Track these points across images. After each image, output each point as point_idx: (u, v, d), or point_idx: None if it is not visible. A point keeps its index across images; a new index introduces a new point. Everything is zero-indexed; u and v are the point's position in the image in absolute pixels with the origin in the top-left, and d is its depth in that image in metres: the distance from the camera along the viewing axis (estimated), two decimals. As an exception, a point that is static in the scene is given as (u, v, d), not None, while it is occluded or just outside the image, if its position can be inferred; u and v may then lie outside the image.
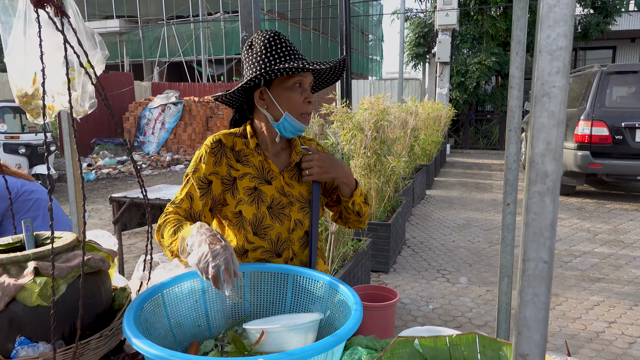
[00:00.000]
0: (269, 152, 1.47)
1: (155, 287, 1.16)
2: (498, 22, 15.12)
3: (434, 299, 3.91)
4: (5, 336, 0.99)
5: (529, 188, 0.46)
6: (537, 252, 0.46)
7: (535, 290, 0.47)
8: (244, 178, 1.43)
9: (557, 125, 0.44)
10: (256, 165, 1.44)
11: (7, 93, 13.72)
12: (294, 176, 1.49)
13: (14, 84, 1.08)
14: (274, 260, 1.45)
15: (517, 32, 0.98)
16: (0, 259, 1.01)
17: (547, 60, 0.43)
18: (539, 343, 0.48)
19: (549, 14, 0.43)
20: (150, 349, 0.87)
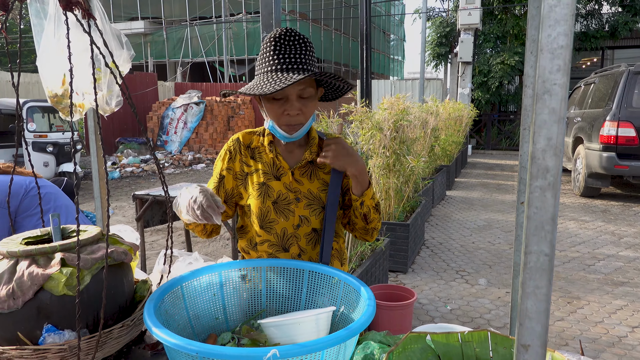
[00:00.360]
0: (281, 149, 1.51)
1: (174, 280, 1.20)
2: (522, 21, 14.88)
3: (452, 299, 3.89)
4: (33, 323, 1.04)
5: (530, 183, 0.47)
6: (538, 245, 0.47)
7: (537, 282, 0.48)
8: (255, 173, 1.49)
9: (558, 122, 0.45)
10: (267, 161, 1.49)
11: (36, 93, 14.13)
12: (305, 173, 1.49)
13: (45, 85, 1.13)
14: (281, 254, 1.49)
15: (531, 31, 0.99)
16: (30, 249, 1.06)
17: (548, 59, 0.45)
18: (540, 334, 0.49)
19: (549, 13, 0.44)
20: (170, 337, 0.90)
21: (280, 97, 1.35)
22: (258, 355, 0.86)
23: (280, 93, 1.35)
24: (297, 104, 1.35)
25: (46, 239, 1.24)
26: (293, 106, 1.35)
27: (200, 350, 0.87)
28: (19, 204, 2.41)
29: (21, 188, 2.41)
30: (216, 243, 5.82)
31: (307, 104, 1.37)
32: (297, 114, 1.36)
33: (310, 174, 1.50)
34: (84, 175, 11.24)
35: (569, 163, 8.81)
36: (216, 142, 15.44)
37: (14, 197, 2.38)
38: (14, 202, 2.38)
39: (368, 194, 1.42)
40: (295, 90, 1.34)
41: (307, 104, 1.37)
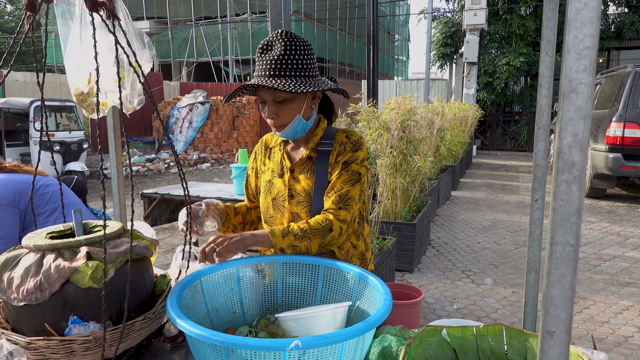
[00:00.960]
0: (289, 148, 1.60)
1: (194, 275, 1.22)
2: (527, 22, 14.87)
3: (458, 299, 3.90)
4: (59, 315, 1.07)
5: (557, 177, 0.50)
6: (564, 236, 0.50)
7: (562, 271, 0.50)
8: (267, 172, 1.61)
9: (584, 119, 0.48)
10: (277, 160, 1.59)
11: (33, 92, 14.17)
12: (303, 170, 1.53)
13: (71, 83, 1.16)
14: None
15: (547, 32, 1.01)
16: (56, 243, 1.09)
17: (574, 59, 0.47)
18: (565, 321, 0.51)
19: (576, 16, 0.47)
20: (194, 328, 0.93)
21: (262, 101, 1.46)
22: (281, 346, 0.88)
23: (261, 98, 1.45)
24: (272, 108, 1.43)
25: (68, 233, 1.27)
26: (269, 110, 1.44)
27: (225, 341, 0.90)
28: (27, 202, 2.44)
29: (29, 186, 2.45)
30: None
31: (281, 108, 1.42)
32: (272, 117, 1.44)
33: (307, 171, 1.53)
34: (90, 174, 11.30)
35: (574, 164, 8.80)
36: (221, 142, 15.49)
37: (22, 196, 2.42)
38: (22, 201, 2.42)
39: (277, 240, 1.37)
40: (268, 95, 1.42)
41: (282, 107, 1.42)
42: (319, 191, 1.49)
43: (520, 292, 4.04)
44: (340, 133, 1.55)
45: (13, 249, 1.18)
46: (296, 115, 1.44)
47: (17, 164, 2.43)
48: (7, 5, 35.10)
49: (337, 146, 1.51)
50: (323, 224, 1.40)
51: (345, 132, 1.55)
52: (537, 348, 1.00)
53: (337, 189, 1.46)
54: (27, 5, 1.11)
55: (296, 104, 1.43)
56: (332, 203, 1.44)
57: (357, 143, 1.51)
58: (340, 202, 1.44)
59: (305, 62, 1.41)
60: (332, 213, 1.43)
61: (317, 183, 1.49)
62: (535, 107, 5.61)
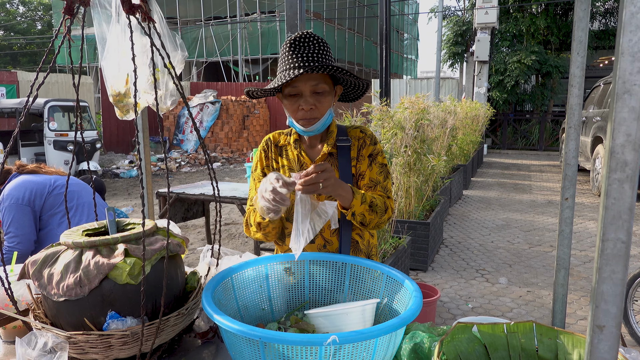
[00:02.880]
0: (305, 145, 1.60)
1: (225, 272, 1.25)
2: (538, 20, 14.77)
3: (473, 298, 3.90)
4: (98, 310, 1.10)
5: (608, 175, 0.51)
6: (615, 233, 0.51)
7: (613, 267, 0.52)
8: (281, 169, 1.60)
9: (637, 119, 0.49)
10: (292, 158, 1.59)
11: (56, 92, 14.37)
12: None
13: (109, 84, 1.19)
14: (307, 245, 1.53)
15: (578, 33, 1.02)
16: (94, 241, 1.12)
17: (628, 61, 0.49)
18: (615, 315, 0.53)
19: (631, 20, 0.48)
20: (232, 324, 0.95)
21: (295, 94, 1.43)
22: (319, 341, 0.90)
23: (295, 89, 1.43)
24: (311, 100, 1.42)
25: (102, 231, 1.30)
26: (306, 101, 1.42)
27: (263, 336, 0.92)
28: (43, 202, 2.49)
29: (45, 187, 2.50)
30: (235, 240, 5.90)
31: (320, 99, 1.43)
32: (310, 108, 1.43)
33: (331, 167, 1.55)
34: (103, 173, 11.42)
35: (587, 163, 8.73)
36: (231, 141, 15.56)
37: (38, 197, 2.47)
38: (38, 201, 2.47)
39: (356, 203, 1.40)
40: (308, 86, 1.41)
41: (321, 99, 1.43)
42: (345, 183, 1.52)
43: (535, 291, 4.03)
44: (352, 129, 1.60)
45: (50, 246, 1.22)
46: (329, 108, 1.48)
47: (39, 165, 2.48)
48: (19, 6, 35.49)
49: (355, 141, 1.56)
50: (384, 204, 1.47)
51: (356, 127, 1.61)
52: (568, 345, 1.01)
53: (375, 181, 1.53)
54: (65, 9, 1.14)
55: (330, 98, 1.47)
56: (380, 191, 1.52)
57: (373, 137, 1.58)
58: (387, 192, 1.54)
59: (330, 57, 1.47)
60: (387, 199, 1.50)
61: (342, 176, 1.53)
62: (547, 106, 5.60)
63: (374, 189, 1.53)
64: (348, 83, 1.53)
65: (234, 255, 1.49)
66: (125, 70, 1.16)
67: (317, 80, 1.42)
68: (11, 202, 2.34)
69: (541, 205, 7.44)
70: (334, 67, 1.35)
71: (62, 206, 2.49)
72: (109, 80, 1.18)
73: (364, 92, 1.57)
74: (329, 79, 1.46)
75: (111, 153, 15.53)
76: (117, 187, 10.08)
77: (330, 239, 1.56)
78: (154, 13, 1.15)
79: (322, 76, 1.43)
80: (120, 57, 1.14)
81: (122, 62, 1.14)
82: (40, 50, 33.60)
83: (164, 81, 1.21)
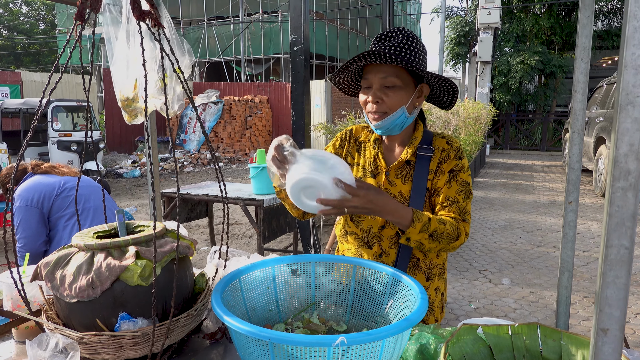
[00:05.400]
0: (384, 147, 1.53)
1: (233, 274, 1.27)
2: (541, 20, 14.76)
3: (476, 298, 3.92)
4: (109, 311, 1.12)
5: (613, 184, 0.53)
6: (619, 239, 0.53)
7: (617, 272, 0.54)
8: (355, 167, 1.55)
9: (640, 130, 0.51)
10: (369, 157, 1.54)
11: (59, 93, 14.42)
12: (400, 174, 1.48)
13: (118, 89, 1.21)
14: (364, 250, 1.53)
15: (582, 40, 1.03)
16: (105, 243, 1.15)
17: (631, 74, 0.51)
18: (619, 319, 0.55)
19: (634, 34, 0.50)
20: (242, 325, 0.97)
21: (367, 87, 1.40)
22: (327, 342, 0.92)
23: (366, 82, 1.39)
24: (378, 93, 1.37)
25: (113, 233, 1.33)
26: (374, 94, 1.37)
27: (273, 337, 0.94)
28: (51, 204, 2.52)
29: (53, 190, 2.53)
30: (239, 240, 5.92)
31: (388, 93, 1.36)
32: (376, 101, 1.37)
33: (405, 176, 1.47)
34: (106, 173, 11.46)
35: (590, 163, 8.73)
36: (234, 141, 15.60)
37: (46, 199, 2.50)
38: (46, 203, 2.50)
39: (412, 231, 1.33)
40: (377, 78, 1.37)
41: (389, 93, 1.36)
42: (416, 196, 1.44)
43: (538, 292, 4.04)
44: (439, 138, 1.49)
45: (62, 248, 1.24)
46: (401, 106, 1.38)
47: (53, 165, 2.51)
48: (22, 6, 35.61)
49: (437, 152, 1.46)
50: (455, 231, 1.36)
51: (445, 137, 1.49)
52: (572, 346, 1.03)
53: (453, 199, 1.41)
54: (76, 15, 1.17)
55: (404, 94, 1.38)
56: (456, 213, 1.40)
57: (459, 150, 1.46)
58: (463, 215, 1.41)
59: (421, 57, 1.39)
60: (461, 223, 1.39)
61: (414, 188, 1.44)
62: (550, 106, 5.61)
63: (449, 209, 1.41)
64: (433, 83, 1.42)
65: (241, 256, 1.51)
66: (134, 76, 1.18)
67: (387, 73, 1.35)
68: (20, 204, 2.38)
69: (544, 206, 7.44)
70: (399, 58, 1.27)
71: (69, 209, 2.52)
72: (118, 85, 1.20)
73: (454, 95, 1.45)
74: (407, 74, 1.37)
75: (114, 153, 15.58)
76: (120, 187, 10.12)
77: (388, 250, 1.49)
78: (163, 19, 1.17)
79: (395, 70, 1.35)
80: (128, 62, 1.16)
81: (130, 68, 1.16)
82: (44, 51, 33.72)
83: (172, 86, 1.23)
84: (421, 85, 1.42)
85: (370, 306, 1.34)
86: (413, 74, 1.39)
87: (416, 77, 1.40)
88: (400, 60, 1.29)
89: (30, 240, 2.43)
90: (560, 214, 6.91)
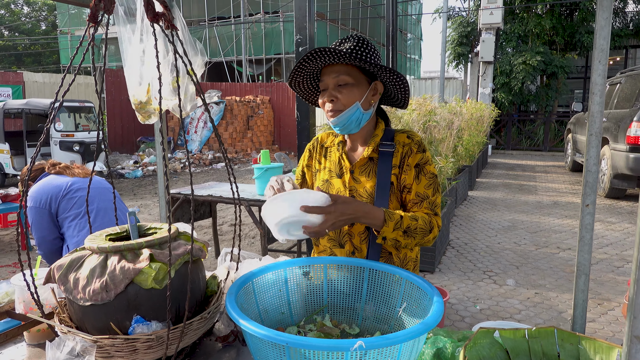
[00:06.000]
0: (347, 148, 1.60)
1: (246, 276, 1.26)
2: (544, 21, 14.73)
3: (481, 299, 3.91)
4: (123, 315, 1.11)
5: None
6: (654, 245, 0.52)
7: (652, 279, 0.53)
8: (323, 171, 1.62)
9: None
10: (334, 160, 1.59)
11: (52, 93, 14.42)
12: (363, 171, 1.53)
13: (131, 93, 1.21)
14: (337, 250, 1.58)
15: (600, 41, 1.03)
16: (119, 246, 1.14)
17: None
18: (654, 326, 0.54)
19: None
20: (259, 329, 0.96)
21: (324, 89, 1.47)
22: (345, 346, 0.92)
23: (323, 84, 1.47)
24: (333, 92, 1.44)
25: (124, 235, 1.32)
26: (329, 94, 1.45)
27: (290, 341, 0.93)
28: (57, 205, 2.52)
29: (60, 191, 2.53)
30: (242, 242, 5.91)
31: (341, 91, 1.43)
32: (331, 100, 1.44)
33: (369, 172, 1.53)
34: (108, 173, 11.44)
35: (593, 164, 8.71)
36: (235, 142, 15.59)
37: (54, 199, 2.51)
38: (53, 204, 2.51)
39: (387, 230, 1.36)
40: (331, 79, 1.44)
41: (342, 90, 1.43)
42: (381, 192, 1.48)
43: (543, 293, 4.03)
44: (400, 133, 1.54)
45: (75, 250, 1.23)
46: (355, 102, 1.44)
47: (67, 165, 2.52)
48: (24, 7, 35.62)
49: (399, 147, 1.50)
50: (427, 224, 1.40)
51: (405, 132, 1.54)
52: (590, 350, 1.02)
53: (423, 195, 1.46)
54: (89, 17, 1.16)
55: (357, 91, 1.44)
56: (427, 209, 1.45)
57: (421, 144, 1.50)
58: (434, 209, 1.46)
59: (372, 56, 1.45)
60: (434, 217, 1.44)
61: (379, 184, 1.49)
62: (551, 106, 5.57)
63: (420, 205, 1.46)
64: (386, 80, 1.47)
65: (253, 258, 1.50)
66: (147, 80, 1.18)
67: (339, 72, 1.42)
68: (31, 205, 2.41)
69: (547, 207, 7.43)
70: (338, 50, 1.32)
71: (72, 210, 2.52)
72: (132, 89, 1.19)
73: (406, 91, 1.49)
74: (359, 73, 1.44)
75: (116, 153, 15.58)
76: (122, 188, 10.11)
77: (360, 246, 1.54)
78: (176, 20, 1.16)
79: (346, 68, 1.42)
80: (139, 64, 1.15)
81: (142, 70, 1.16)
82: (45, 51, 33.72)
83: (184, 86, 1.22)
84: (375, 83, 1.48)
85: (383, 309, 1.34)
86: (366, 72, 1.46)
87: (369, 76, 1.47)
88: (348, 56, 1.35)
89: (44, 240, 2.48)
90: (564, 214, 6.90)
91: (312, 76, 1.56)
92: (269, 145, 16.64)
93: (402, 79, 1.44)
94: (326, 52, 1.36)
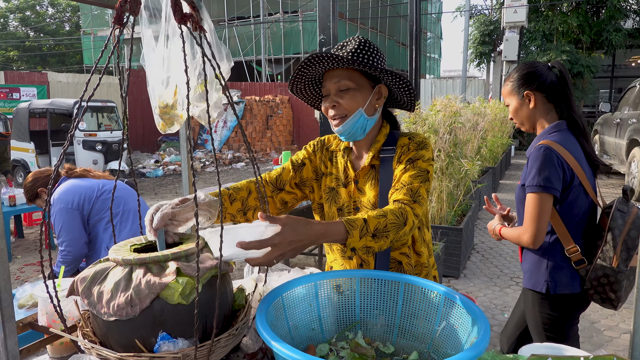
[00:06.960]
0: (353, 156, 1.53)
1: (276, 292, 1.20)
2: (569, 19, 14.38)
3: (509, 307, 3.79)
4: (149, 331, 1.05)
5: None
6: None
7: None
8: (328, 177, 1.55)
9: None
10: (340, 167, 1.53)
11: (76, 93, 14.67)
12: (367, 181, 1.47)
13: (156, 95, 1.15)
14: (346, 262, 1.52)
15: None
16: (144, 258, 1.08)
17: None
18: None
19: None
20: (294, 354, 0.90)
21: (326, 94, 1.42)
22: (388, 375, 0.84)
23: (325, 90, 1.41)
24: (334, 97, 1.39)
25: (150, 246, 1.27)
26: (330, 99, 1.40)
27: (327, 368, 0.86)
28: (91, 207, 2.50)
29: (94, 192, 2.51)
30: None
31: (343, 96, 1.38)
32: (333, 105, 1.39)
33: (372, 181, 1.46)
34: (129, 173, 11.57)
35: (622, 166, 8.45)
36: (255, 141, 15.61)
37: (87, 201, 2.48)
38: (86, 205, 2.49)
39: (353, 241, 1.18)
40: (332, 85, 1.39)
41: (344, 96, 1.38)
42: (384, 202, 1.41)
43: (574, 302, 3.89)
44: (403, 136, 1.47)
45: (99, 261, 1.19)
46: (358, 108, 1.38)
47: (86, 169, 2.50)
48: (48, 8, 36.36)
49: (398, 150, 1.43)
50: (400, 217, 1.24)
51: (408, 134, 1.47)
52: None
53: (406, 182, 1.33)
54: (115, 18, 1.11)
55: (360, 96, 1.38)
56: (405, 195, 1.30)
57: (421, 143, 1.42)
58: (413, 196, 1.31)
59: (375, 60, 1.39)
60: (407, 205, 1.28)
61: (381, 193, 1.42)
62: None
63: (400, 191, 1.32)
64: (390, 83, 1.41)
65: (282, 270, 1.44)
66: (174, 82, 1.12)
67: (340, 77, 1.38)
68: (61, 207, 2.38)
69: (574, 210, 7.22)
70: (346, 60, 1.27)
71: (109, 211, 2.50)
72: (156, 92, 1.14)
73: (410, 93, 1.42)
74: (361, 77, 1.39)
75: (137, 152, 15.75)
76: (143, 187, 10.20)
77: (367, 259, 1.48)
78: (204, 22, 1.11)
79: (347, 73, 1.38)
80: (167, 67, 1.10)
81: (167, 73, 1.10)
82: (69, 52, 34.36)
83: (212, 92, 1.16)
84: (379, 87, 1.42)
85: (420, 327, 1.26)
86: (369, 76, 1.40)
87: (373, 79, 1.41)
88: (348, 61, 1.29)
89: (74, 243, 2.43)
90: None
91: (314, 82, 1.52)
92: (288, 145, 16.63)
93: (406, 82, 1.38)
94: (325, 57, 1.30)
